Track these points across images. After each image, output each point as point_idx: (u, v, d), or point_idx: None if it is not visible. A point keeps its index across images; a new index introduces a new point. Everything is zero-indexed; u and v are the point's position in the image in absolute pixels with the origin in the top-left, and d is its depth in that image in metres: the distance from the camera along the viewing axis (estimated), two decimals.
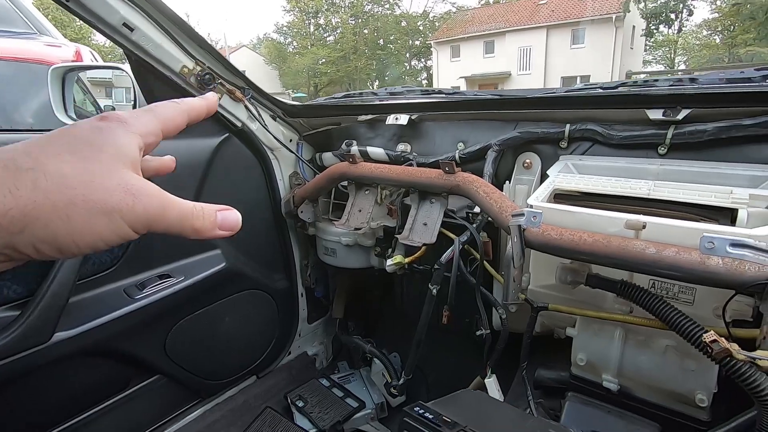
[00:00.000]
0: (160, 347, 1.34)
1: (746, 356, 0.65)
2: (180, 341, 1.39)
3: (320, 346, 1.95)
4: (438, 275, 1.16)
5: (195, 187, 1.39)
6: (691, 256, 0.79)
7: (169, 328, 1.35)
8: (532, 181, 1.29)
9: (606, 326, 1.00)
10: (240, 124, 1.49)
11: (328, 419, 1.52)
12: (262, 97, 1.57)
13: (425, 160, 1.41)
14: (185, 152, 1.38)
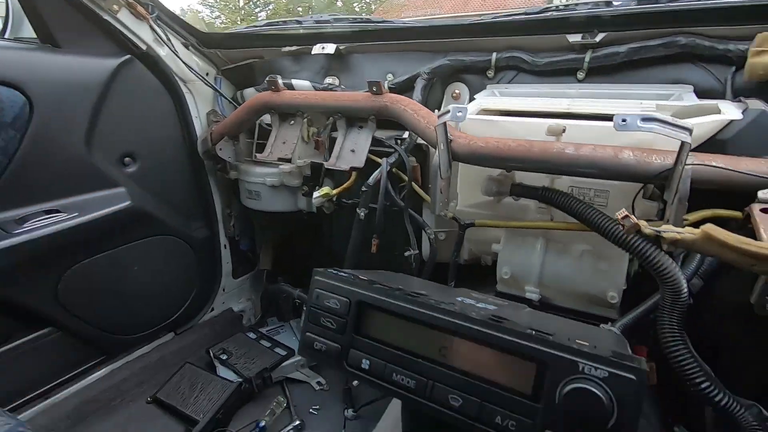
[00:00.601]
0: (49, 294, 1.16)
1: (653, 230, 0.68)
2: (77, 289, 1.22)
3: (247, 303, 1.84)
4: (366, 198, 1.12)
5: (88, 114, 1.21)
6: (605, 151, 0.81)
7: (61, 271, 1.18)
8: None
9: (528, 238, 1.02)
10: (144, 46, 1.32)
11: (254, 368, 1.43)
12: (172, 21, 1.41)
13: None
14: (76, 71, 1.19)
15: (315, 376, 1.52)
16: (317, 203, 1.25)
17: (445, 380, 0.38)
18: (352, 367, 0.43)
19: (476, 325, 0.37)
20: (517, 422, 0.35)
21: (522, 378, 0.36)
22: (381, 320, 0.43)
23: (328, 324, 0.44)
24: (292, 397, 1.42)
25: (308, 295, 0.46)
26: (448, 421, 0.44)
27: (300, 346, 0.47)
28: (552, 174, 0.89)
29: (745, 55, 0.96)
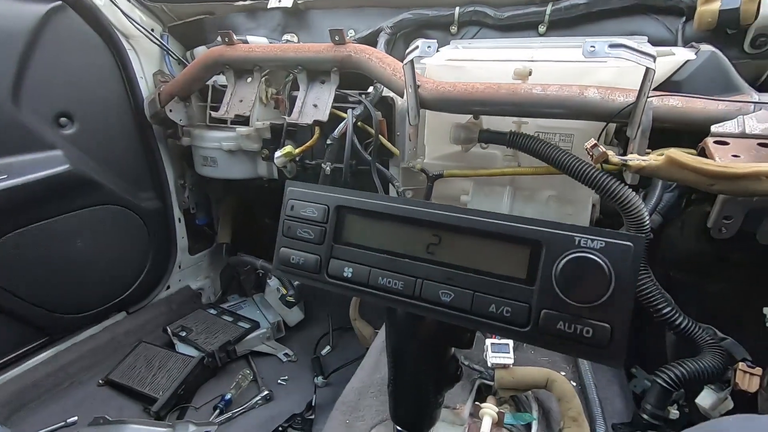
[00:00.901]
0: None
1: (620, 159, 0.69)
2: (9, 262, 1.10)
3: (206, 280, 1.75)
4: (331, 151, 1.08)
5: (14, 66, 1.08)
6: (572, 90, 0.82)
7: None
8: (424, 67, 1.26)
9: (496, 187, 1.02)
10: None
11: (217, 342, 1.37)
12: None
13: None
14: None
15: (282, 348, 1.47)
16: (279, 163, 1.19)
17: (435, 276, 0.36)
18: (333, 278, 0.40)
19: (465, 214, 0.35)
20: (512, 308, 0.33)
21: (515, 263, 0.34)
22: (362, 224, 0.40)
23: (305, 234, 0.41)
24: (259, 370, 1.37)
25: (282, 208, 0.43)
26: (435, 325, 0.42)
27: (274, 264, 0.43)
28: (520, 116, 0.90)
29: (694, 5, 1.00)
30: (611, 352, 0.31)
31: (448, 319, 0.37)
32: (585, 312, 0.32)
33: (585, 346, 0.32)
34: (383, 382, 0.80)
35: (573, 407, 0.66)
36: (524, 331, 0.34)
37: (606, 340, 0.31)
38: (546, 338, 0.33)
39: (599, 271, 0.31)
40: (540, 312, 0.33)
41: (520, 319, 0.34)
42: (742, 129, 0.77)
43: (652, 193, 0.86)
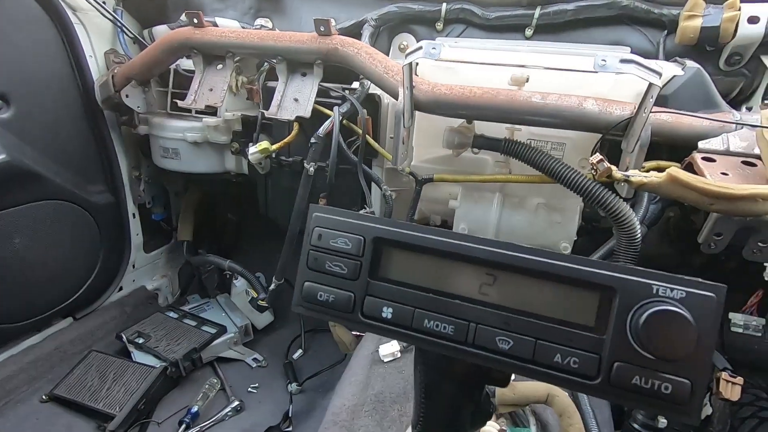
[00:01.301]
0: None
1: (622, 174, 0.69)
2: None
3: (163, 280, 1.62)
4: (316, 150, 1.01)
5: None
6: (570, 100, 0.81)
7: None
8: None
9: (485, 193, 1.00)
10: None
11: (180, 350, 1.26)
12: None
13: None
14: None
15: (250, 353, 1.40)
16: (254, 160, 1.10)
17: (489, 321, 0.32)
18: (369, 318, 0.35)
19: (524, 253, 0.32)
20: (580, 358, 0.30)
21: (582, 309, 0.31)
22: (404, 259, 0.35)
23: (336, 269, 0.36)
24: (227, 378, 1.29)
25: (306, 235, 0.37)
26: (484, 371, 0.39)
27: (295, 300, 0.38)
28: (516, 124, 0.88)
29: (676, 19, 1.03)
30: (689, 408, 0.29)
31: (507, 369, 0.33)
32: (663, 367, 0.30)
33: (661, 402, 0.30)
34: (377, 400, 0.76)
35: (575, 423, 0.66)
36: (594, 384, 0.31)
37: (686, 397, 0.29)
38: (618, 392, 0.31)
39: (684, 325, 0.28)
40: (612, 364, 0.31)
41: (589, 371, 0.31)
42: (727, 146, 0.79)
43: (639, 204, 0.88)
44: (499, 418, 0.74)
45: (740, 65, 1.00)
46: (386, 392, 0.77)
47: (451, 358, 0.40)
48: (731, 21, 0.95)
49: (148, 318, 1.41)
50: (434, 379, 0.41)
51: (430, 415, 0.42)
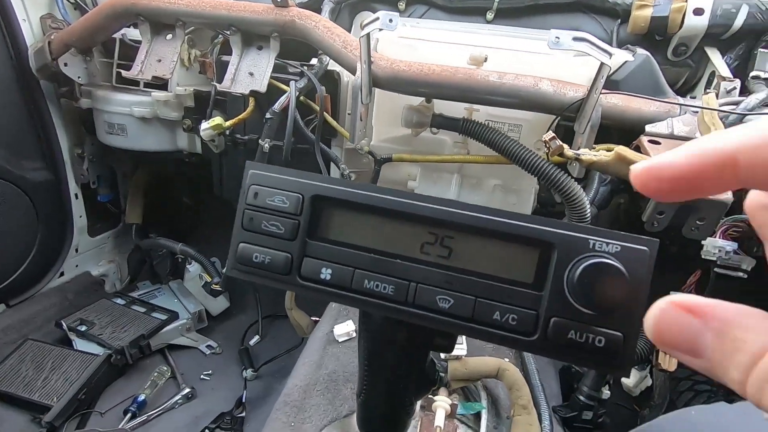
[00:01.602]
0: None
1: (573, 152, 0.70)
2: None
3: (110, 265, 1.53)
4: (271, 127, 0.97)
5: None
6: (526, 80, 0.82)
7: None
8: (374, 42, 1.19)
9: (444, 175, 1.00)
10: None
11: (127, 337, 1.20)
12: None
13: None
14: None
15: (204, 340, 1.35)
16: (206, 136, 1.05)
17: (431, 280, 0.32)
18: (307, 280, 0.33)
19: (466, 210, 0.31)
20: (518, 315, 0.30)
21: (522, 266, 0.31)
22: (344, 218, 0.34)
23: (273, 228, 0.34)
24: (178, 366, 1.24)
25: (241, 194, 0.35)
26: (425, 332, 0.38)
27: (229, 263, 0.35)
28: (474, 103, 0.88)
29: (629, 8, 1.06)
30: (621, 361, 0.29)
31: (446, 328, 0.33)
32: (597, 320, 0.30)
33: (595, 356, 0.30)
34: (330, 379, 0.75)
35: (523, 395, 0.68)
36: (531, 340, 0.31)
37: (618, 350, 0.29)
38: (554, 348, 0.31)
39: (618, 277, 0.28)
40: (549, 320, 0.30)
41: (527, 327, 0.31)
42: (671, 130, 0.83)
43: (590, 186, 0.90)
44: (451, 394, 0.74)
45: (686, 56, 1.05)
46: (340, 371, 0.76)
47: (393, 324, 0.39)
48: (679, 12, 0.99)
49: (93, 305, 1.33)
50: (377, 346, 0.40)
51: (373, 383, 0.41)
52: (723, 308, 0.16)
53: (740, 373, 0.15)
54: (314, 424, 0.67)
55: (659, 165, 0.17)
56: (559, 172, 0.78)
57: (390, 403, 0.42)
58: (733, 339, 0.15)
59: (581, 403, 0.76)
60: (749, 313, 0.16)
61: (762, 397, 0.14)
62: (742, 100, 0.84)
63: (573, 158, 0.71)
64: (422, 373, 0.42)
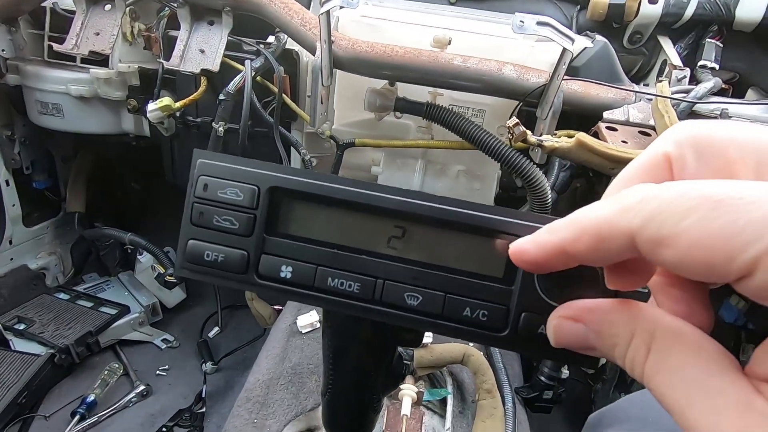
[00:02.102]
0: None
1: (536, 139, 0.71)
2: None
3: (51, 258, 1.42)
4: (224, 109, 0.92)
5: None
6: (490, 64, 0.81)
7: None
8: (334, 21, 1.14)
9: (408, 160, 0.99)
10: None
11: (72, 334, 1.12)
12: None
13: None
14: None
15: (159, 334, 1.28)
16: (154, 118, 0.97)
17: (398, 276, 0.30)
18: (266, 278, 0.31)
19: (434, 202, 0.29)
20: (489, 311, 0.29)
21: (492, 260, 0.30)
22: (305, 212, 0.32)
23: (226, 224, 0.31)
24: (132, 362, 1.18)
25: (189, 186, 0.32)
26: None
27: (179, 262, 0.32)
28: (438, 87, 0.86)
29: None
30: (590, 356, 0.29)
31: (415, 325, 0.31)
32: None
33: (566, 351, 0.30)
34: (294, 372, 0.73)
35: (487, 380, 0.69)
36: (501, 336, 0.30)
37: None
38: (525, 343, 0.30)
39: (589, 270, 0.28)
40: (520, 315, 0.30)
41: (497, 323, 0.30)
42: (627, 117, 0.85)
43: (551, 171, 0.91)
44: (417, 381, 0.74)
45: (640, 44, 1.08)
46: (304, 363, 0.74)
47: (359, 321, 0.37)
48: (635, 0, 1.01)
49: (32, 301, 1.23)
50: (342, 343, 0.39)
51: (339, 382, 0.40)
52: (597, 312, 0.21)
53: (622, 360, 0.19)
54: (278, 420, 0.65)
55: (519, 251, 0.22)
56: (522, 158, 0.79)
57: (357, 401, 0.41)
58: (609, 336, 0.20)
59: (542, 383, 0.78)
60: (613, 309, 0.20)
61: (636, 373, 0.18)
62: (692, 89, 0.87)
63: (536, 144, 0.71)
64: (390, 369, 0.41)
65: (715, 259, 0.14)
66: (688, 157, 0.18)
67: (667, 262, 0.15)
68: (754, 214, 0.13)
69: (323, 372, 0.41)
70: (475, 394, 0.70)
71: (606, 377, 1.16)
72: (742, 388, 0.15)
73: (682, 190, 0.15)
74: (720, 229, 0.14)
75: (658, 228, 0.15)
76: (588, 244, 0.18)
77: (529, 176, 0.79)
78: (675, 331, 0.17)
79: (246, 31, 1.01)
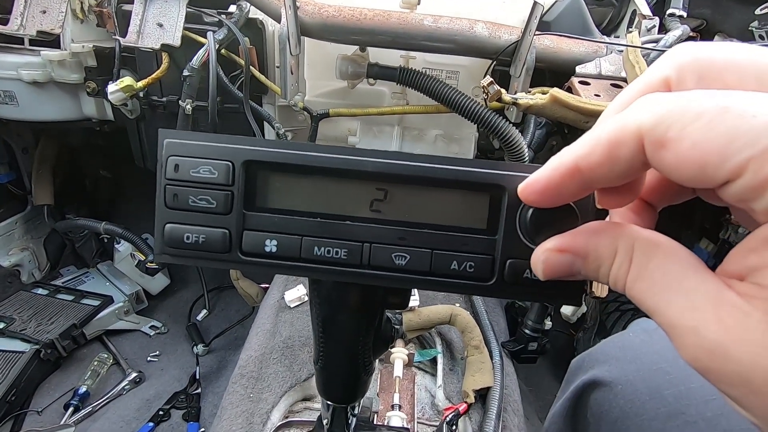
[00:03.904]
0: None
1: (511, 97, 0.70)
2: None
3: (24, 253, 1.37)
4: (190, 86, 0.88)
5: None
6: (461, 23, 0.79)
7: None
8: None
9: (385, 128, 0.98)
10: None
11: (56, 329, 1.10)
12: None
13: None
14: None
15: (146, 321, 1.28)
16: (116, 100, 0.93)
17: (385, 238, 0.30)
18: (250, 255, 0.31)
19: (412, 161, 0.29)
20: (475, 262, 0.30)
21: (474, 213, 0.31)
22: (284, 183, 0.31)
23: (203, 203, 0.30)
24: (121, 351, 1.17)
25: (159, 168, 0.31)
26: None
27: (157, 248, 0.32)
28: (409, 50, 0.84)
29: None
30: (574, 291, 0.31)
31: (405, 284, 0.32)
32: None
33: (549, 290, 0.31)
34: (285, 345, 0.74)
35: (475, 336, 0.71)
36: (489, 284, 0.31)
37: (570, 280, 0.30)
38: (512, 289, 0.31)
39: (568, 211, 0.29)
40: (505, 263, 0.31)
41: (484, 273, 0.31)
42: (599, 70, 0.85)
43: (527, 130, 0.92)
44: (407, 344, 0.76)
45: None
46: (295, 336, 0.75)
47: (345, 288, 0.37)
48: None
49: (8, 299, 1.20)
50: (330, 311, 0.39)
51: (330, 349, 0.41)
52: (581, 237, 0.23)
53: (606, 277, 0.21)
54: (274, 392, 0.66)
55: (531, 183, 0.22)
56: (498, 118, 0.78)
57: (349, 366, 0.42)
58: (594, 258, 0.21)
59: (527, 336, 0.81)
60: (596, 231, 0.22)
61: (618, 285, 0.20)
62: (662, 38, 0.88)
63: (511, 103, 0.71)
64: (379, 332, 0.41)
65: (709, 161, 0.15)
66: (689, 80, 0.18)
67: (664, 165, 0.16)
68: (756, 121, 0.14)
69: (314, 341, 0.42)
70: (464, 351, 0.72)
71: (587, 326, 1.22)
72: (715, 284, 0.16)
73: (695, 95, 0.16)
74: (721, 134, 0.14)
75: (666, 130, 0.15)
76: (601, 155, 0.18)
77: (506, 136, 0.79)
78: (652, 242, 0.19)
79: (206, 1, 0.96)
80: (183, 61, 0.94)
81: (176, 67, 0.96)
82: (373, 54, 0.89)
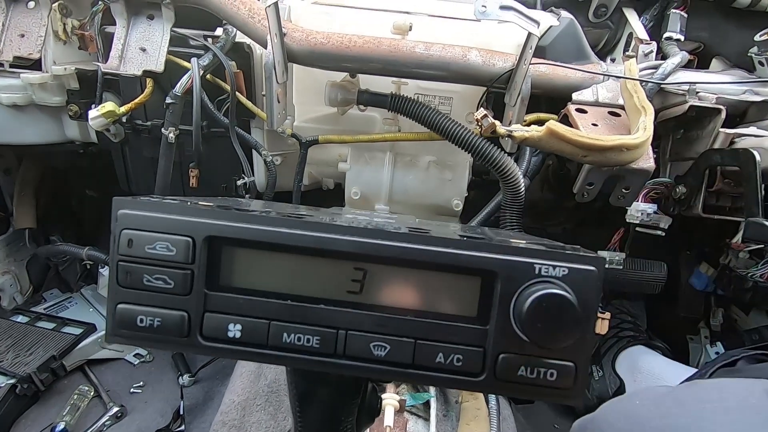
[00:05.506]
0: None
1: (506, 129, 0.67)
2: None
3: (4, 277, 1.32)
4: (174, 112, 0.85)
5: None
6: (454, 50, 0.77)
7: None
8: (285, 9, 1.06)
9: (376, 154, 0.95)
10: None
11: (34, 361, 1.05)
12: None
13: None
14: None
15: (131, 349, 1.23)
16: (97, 126, 0.90)
17: (362, 325, 0.27)
18: (212, 340, 0.27)
19: (394, 240, 0.26)
20: (463, 354, 0.27)
21: (463, 299, 0.27)
22: (251, 260, 0.28)
23: (159, 283, 0.27)
24: (103, 382, 1.12)
25: (112, 241, 0.27)
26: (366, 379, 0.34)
27: (109, 329, 0.28)
28: (401, 77, 0.82)
29: None
30: (575, 391, 0.27)
31: (384, 377, 0.28)
32: (548, 353, 0.27)
33: (547, 389, 0.27)
34: (270, 390, 0.70)
35: None
36: (479, 380, 0.28)
37: (571, 380, 0.27)
38: (504, 385, 0.28)
39: (568, 308, 0.25)
40: (497, 357, 0.27)
41: (474, 367, 0.28)
42: (596, 97, 0.83)
43: (522, 158, 0.89)
44: (398, 387, 0.73)
45: (606, 17, 1.05)
46: (280, 380, 0.71)
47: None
48: None
49: None
50: (307, 387, 0.36)
51: (309, 426, 0.37)
52: None
53: None
54: None
55: None
56: (492, 148, 0.75)
57: None
58: None
59: None
60: None
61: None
62: (660, 64, 0.85)
63: (505, 135, 0.68)
64: (363, 405, 0.38)
65: None
66: None
67: None
68: None
69: (292, 413, 0.38)
70: (458, 396, 0.69)
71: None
72: None
73: None
74: None
75: None
76: None
77: (501, 166, 0.76)
78: None
79: (191, 23, 0.93)
80: (168, 85, 0.91)
81: (161, 91, 0.93)
82: (363, 80, 0.86)
